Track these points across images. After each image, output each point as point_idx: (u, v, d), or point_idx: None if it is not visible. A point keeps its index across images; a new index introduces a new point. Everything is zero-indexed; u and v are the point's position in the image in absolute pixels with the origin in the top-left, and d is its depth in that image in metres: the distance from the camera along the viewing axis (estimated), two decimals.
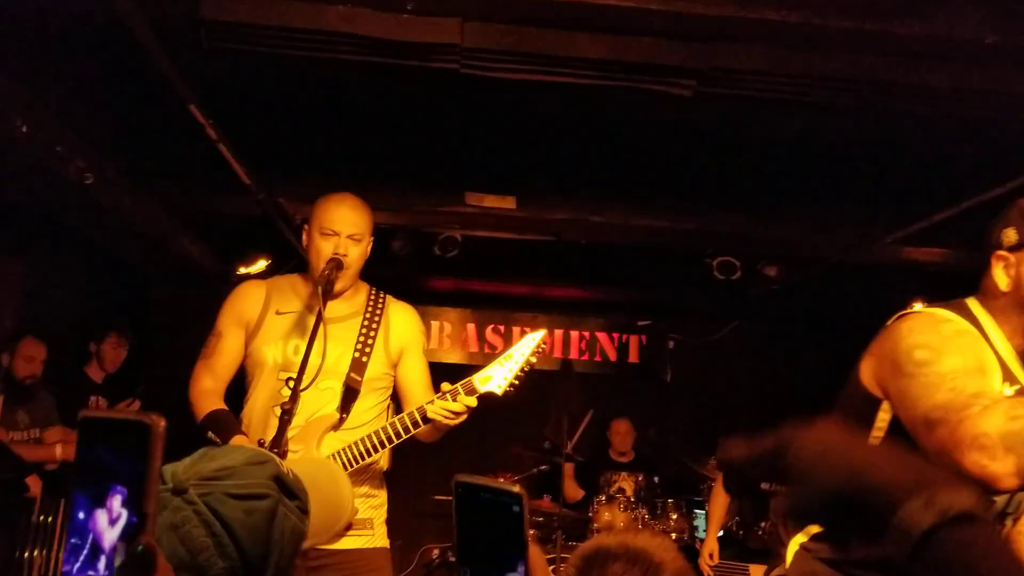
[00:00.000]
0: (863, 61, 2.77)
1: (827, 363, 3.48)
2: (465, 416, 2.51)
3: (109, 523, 0.68)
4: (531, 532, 5.30)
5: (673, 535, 5.28)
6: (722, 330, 7.42)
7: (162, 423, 0.67)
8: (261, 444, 2.37)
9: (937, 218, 4.41)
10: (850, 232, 4.90)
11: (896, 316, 1.86)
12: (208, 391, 2.66)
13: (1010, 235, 1.87)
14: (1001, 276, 1.86)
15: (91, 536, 0.69)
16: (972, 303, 1.91)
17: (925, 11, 2.53)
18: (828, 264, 5.29)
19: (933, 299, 1.95)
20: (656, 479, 6.05)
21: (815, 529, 2.01)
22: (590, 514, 5.48)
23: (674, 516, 5.42)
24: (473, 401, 2.50)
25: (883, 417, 1.81)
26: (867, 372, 1.86)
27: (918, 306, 1.93)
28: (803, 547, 2.01)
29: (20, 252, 5.00)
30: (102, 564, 0.68)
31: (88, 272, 5.80)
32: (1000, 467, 1.56)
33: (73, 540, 0.70)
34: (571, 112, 3.64)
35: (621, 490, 5.96)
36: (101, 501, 0.68)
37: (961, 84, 2.87)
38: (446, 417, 2.47)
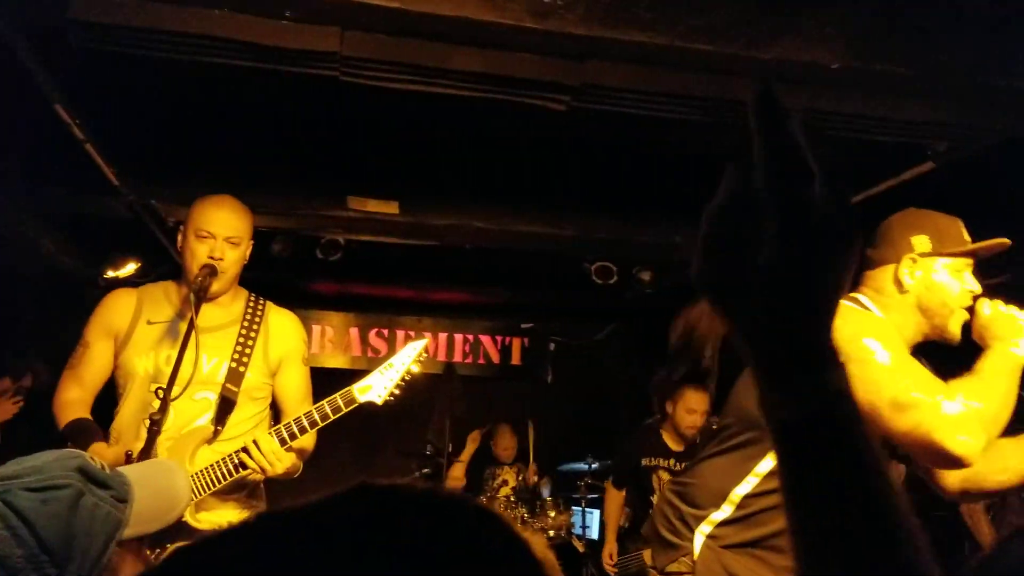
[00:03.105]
0: (725, 82, 2.94)
1: None
2: (272, 471, 2.47)
3: None
4: None
5: (551, 532, 5.41)
6: (600, 332, 7.64)
7: None
8: (129, 456, 2.32)
9: None
10: None
11: None
12: (72, 401, 2.58)
13: (923, 242, 2.07)
14: (907, 277, 2.05)
15: None
16: (861, 297, 2.10)
17: (778, 38, 2.72)
18: None
19: None
20: (535, 478, 6.19)
21: (721, 516, 2.10)
22: None
23: (552, 513, 5.55)
24: (278, 463, 2.45)
25: None
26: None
27: None
28: (709, 537, 2.08)
29: None
30: None
31: None
32: (977, 445, 1.77)
33: None
34: (453, 121, 3.70)
35: (505, 483, 6.06)
36: None
37: (813, 105, 3.08)
38: (256, 471, 2.45)
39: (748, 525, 2.03)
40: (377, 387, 2.54)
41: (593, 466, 6.07)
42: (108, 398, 2.69)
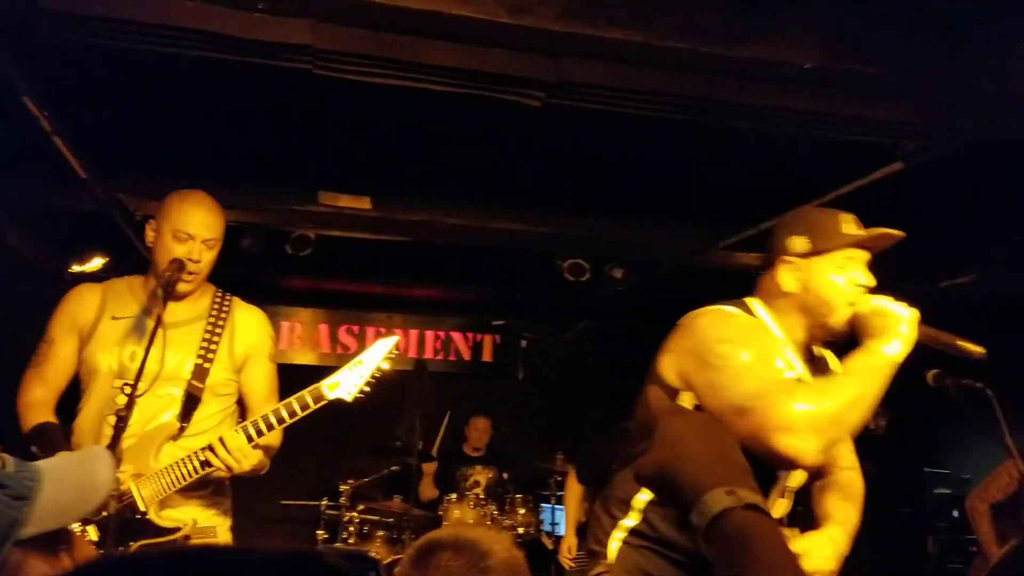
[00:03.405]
0: (701, 81, 2.96)
1: None
2: (239, 468, 2.44)
3: None
4: (380, 534, 5.27)
5: (520, 529, 5.42)
6: (572, 329, 7.65)
7: None
8: None
9: (764, 226, 4.75)
10: (689, 238, 5.18)
11: (688, 315, 2.03)
12: (36, 402, 2.52)
13: (798, 243, 2.05)
14: (787, 279, 2.05)
15: None
16: (752, 302, 2.10)
17: (753, 38, 2.73)
18: (668, 267, 5.57)
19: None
20: (506, 475, 6.19)
21: (631, 523, 2.12)
22: (440, 512, 5.53)
23: (521, 511, 5.56)
24: (245, 460, 2.43)
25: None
26: (667, 366, 2.01)
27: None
28: (625, 543, 2.10)
29: None
30: None
31: None
32: (806, 446, 1.76)
33: None
34: (427, 116, 3.68)
35: (476, 483, 6.05)
36: None
37: (786, 104, 3.11)
38: (222, 470, 2.43)
39: (653, 529, 2.04)
40: (346, 384, 2.51)
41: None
42: (70, 394, 2.64)
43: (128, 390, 2.30)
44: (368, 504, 5.47)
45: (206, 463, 2.41)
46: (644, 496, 2.08)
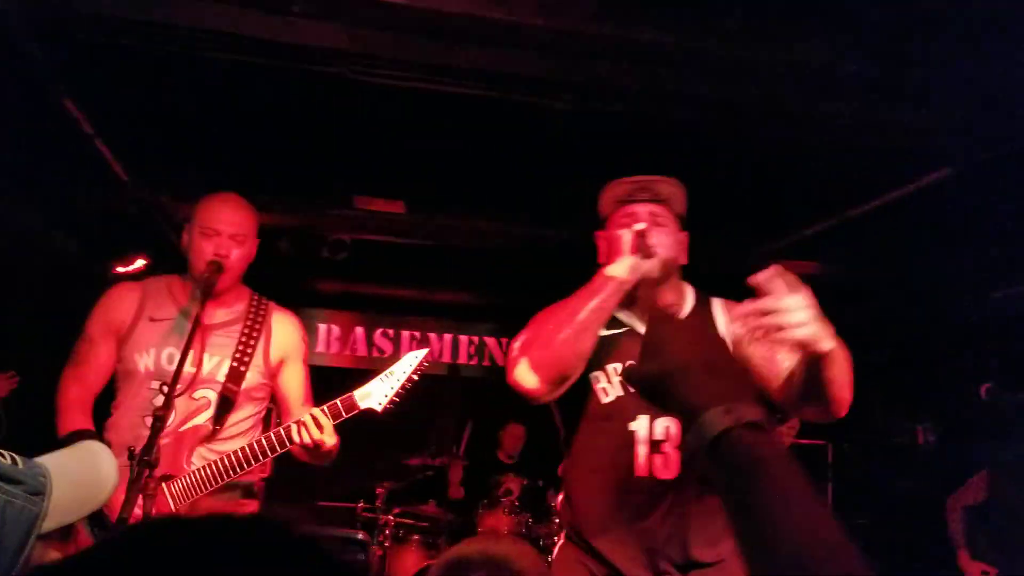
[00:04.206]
0: (735, 84, 2.91)
1: None
2: (328, 444, 2.46)
3: None
4: (415, 537, 5.25)
5: (555, 539, 5.37)
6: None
7: None
8: (132, 452, 2.29)
9: (808, 232, 4.67)
10: (724, 245, 5.12)
11: None
12: (73, 402, 2.55)
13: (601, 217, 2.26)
14: (601, 251, 2.26)
15: None
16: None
17: (789, 41, 2.69)
18: (702, 275, 5.49)
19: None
20: (540, 483, 6.14)
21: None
22: (476, 519, 5.51)
23: (557, 520, 5.50)
24: (329, 438, 2.44)
25: None
26: None
27: None
28: (566, 537, 2.20)
29: None
30: None
31: None
32: (520, 370, 1.87)
33: None
34: (460, 119, 3.68)
35: (509, 491, 6.01)
36: None
37: (822, 109, 3.06)
38: (307, 445, 2.42)
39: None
40: (377, 394, 2.50)
41: None
42: (105, 391, 2.67)
43: (165, 391, 2.31)
44: (403, 507, 5.48)
45: (241, 464, 2.41)
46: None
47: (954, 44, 2.78)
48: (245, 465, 2.43)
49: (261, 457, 2.44)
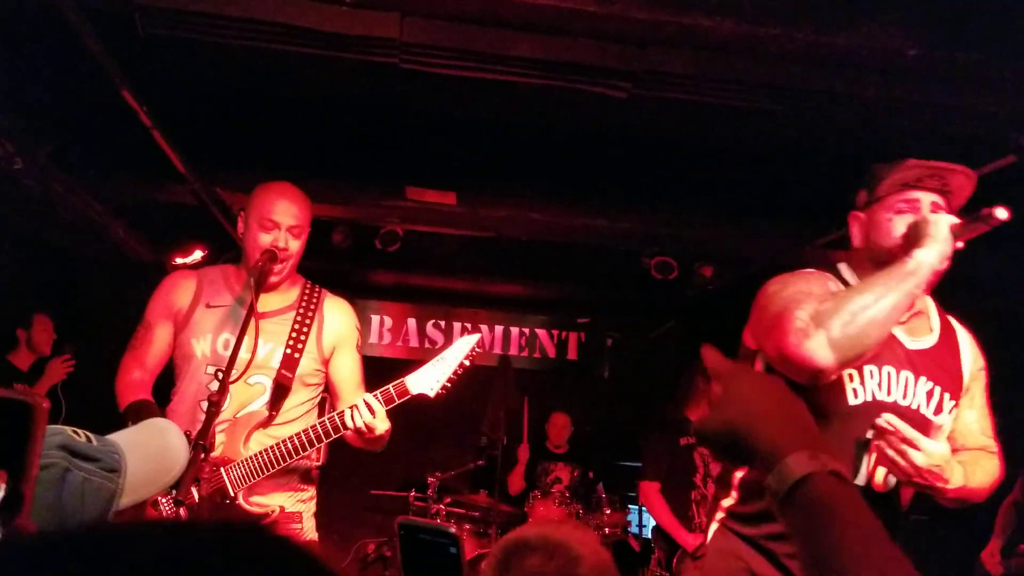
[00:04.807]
0: (794, 69, 2.85)
1: None
2: (380, 429, 2.49)
3: None
4: (466, 527, 5.26)
5: (607, 530, 5.34)
6: (659, 328, 7.53)
7: (45, 404, 0.68)
8: (188, 437, 2.34)
9: None
10: (781, 235, 5.02)
11: None
12: (134, 383, 2.62)
13: (860, 196, 2.10)
14: (855, 233, 2.10)
15: None
16: (840, 265, 2.13)
17: (852, 23, 2.61)
18: (760, 266, 5.41)
19: None
20: (591, 474, 6.12)
21: (725, 505, 2.15)
22: (526, 509, 5.51)
23: (608, 511, 5.48)
24: (382, 423, 2.47)
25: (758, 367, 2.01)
26: (747, 332, 2.08)
27: None
28: (722, 523, 2.13)
29: None
30: None
31: (16, 260, 5.63)
32: (813, 344, 1.73)
33: None
34: (512, 109, 3.67)
35: (558, 480, 6.00)
36: None
37: (885, 95, 2.97)
38: (361, 430, 2.46)
39: (746, 505, 2.07)
40: (429, 380, 2.51)
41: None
42: (165, 378, 2.72)
43: (221, 376, 2.35)
44: (455, 497, 5.50)
45: (297, 450, 2.44)
46: (740, 473, 2.11)
47: (1013, 24, 2.69)
48: (302, 450, 2.46)
49: (317, 442, 2.46)
